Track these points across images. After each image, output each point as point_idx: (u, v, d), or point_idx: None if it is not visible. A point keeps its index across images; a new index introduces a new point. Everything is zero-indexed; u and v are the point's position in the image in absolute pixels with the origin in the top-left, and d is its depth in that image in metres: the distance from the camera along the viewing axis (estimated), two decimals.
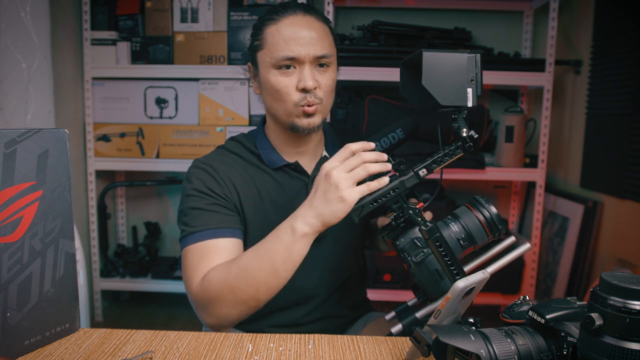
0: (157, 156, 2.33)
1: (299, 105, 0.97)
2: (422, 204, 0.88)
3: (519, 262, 2.21)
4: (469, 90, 0.80)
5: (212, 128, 2.30)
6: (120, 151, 2.34)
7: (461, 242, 0.83)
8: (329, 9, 2.07)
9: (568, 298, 0.64)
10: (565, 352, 0.58)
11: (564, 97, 2.33)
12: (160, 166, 2.32)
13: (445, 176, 2.11)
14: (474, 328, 0.62)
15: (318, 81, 0.97)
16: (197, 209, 0.97)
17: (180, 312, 2.52)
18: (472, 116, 2.13)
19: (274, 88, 0.98)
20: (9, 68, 1.68)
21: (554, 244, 2.24)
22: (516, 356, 0.58)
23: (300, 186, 1.06)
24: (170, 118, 2.36)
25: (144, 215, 2.65)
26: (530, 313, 0.62)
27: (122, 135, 2.34)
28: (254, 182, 1.04)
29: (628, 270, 1.77)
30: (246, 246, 1.01)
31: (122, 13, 2.31)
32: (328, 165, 0.83)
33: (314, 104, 0.97)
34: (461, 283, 0.66)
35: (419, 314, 0.85)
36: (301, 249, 0.85)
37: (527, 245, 0.85)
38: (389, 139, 0.92)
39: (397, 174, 0.85)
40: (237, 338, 0.82)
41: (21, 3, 1.69)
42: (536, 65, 2.11)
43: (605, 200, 1.98)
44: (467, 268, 0.86)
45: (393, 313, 0.89)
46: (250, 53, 1.05)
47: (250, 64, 1.06)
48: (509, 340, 0.59)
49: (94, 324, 2.36)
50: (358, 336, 0.84)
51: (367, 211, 0.83)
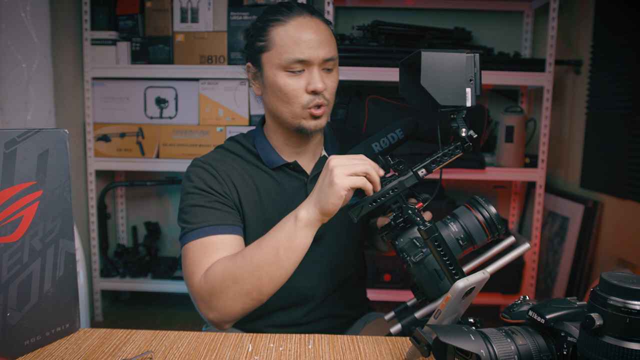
0: (157, 156, 2.33)
1: (307, 107, 0.97)
2: (421, 204, 0.88)
3: (519, 262, 2.21)
4: (468, 90, 0.80)
5: (212, 128, 2.30)
6: (120, 151, 2.34)
7: (460, 242, 0.83)
8: (329, 9, 2.07)
9: (568, 298, 0.64)
10: (565, 352, 0.58)
11: (564, 97, 2.33)
12: (160, 166, 2.32)
13: (445, 176, 2.14)
14: (474, 328, 0.62)
15: (325, 83, 0.97)
16: (198, 206, 0.97)
17: (180, 312, 2.52)
18: (472, 116, 2.14)
19: (282, 90, 0.97)
20: (9, 68, 1.69)
21: (554, 244, 2.24)
22: (516, 356, 0.58)
23: (299, 186, 1.06)
24: (170, 118, 2.36)
25: (144, 215, 2.65)
26: (530, 313, 0.62)
27: (122, 135, 2.34)
28: (253, 181, 1.04)
29: (628, 270, 1.77)
30: (246, 245, 1.01)
31: (122, 13, 2.31)
32: (332, 157, 0.83)
33: (323, 106, 0.98)
34: (461, 283, 0.66)
35: (418, 314, 0.85)
36: (303, 239, 0.85)
37: (527, 245, 0.85)
38: (389, 139, 0.92)
39: (397, 174, 0.85)
40: (237, 338, 0.82)
41: (21, 3, 1.69)
42: (536, 65, 2.11)
43: (605, 200, 1.98)
44: (467, 268, 0.86)
45: (392, 313, 0.89)
46: (250, 53, 1.02)
47: (250, 64, 1.03)
48: (509, 340, 0.59)
49: (94, 324, 2.36)
50: (358, 336, 0.84)
51: (366, 211, 0.83)
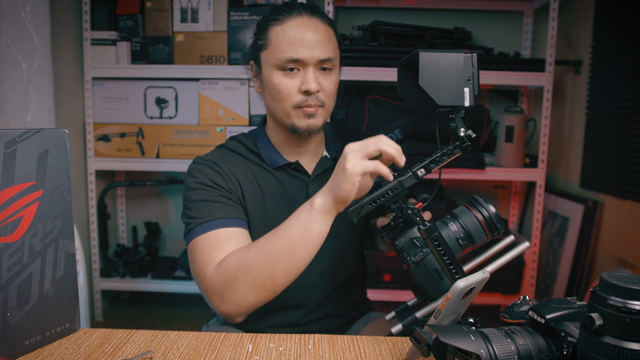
0: (157, 156, 2.33)
1: (299, 106, 0.97)
2: (421, 204, 0.88)
3: (519, 262, 2.21)
4: (466, 89, 0.81)
5: (212, 128, 2.30)
6: (120, 151, 2.34)
7: (460, 242, 0.83)
8: (329, 9, 2.07)
9: (568, 298, 0.64)
10: (565, 352, 0.58)
11: (564, 97, 2.33)
12: (160, 166, 2.32)
13: (445, 176, 2.14)
14: (474, 328, 0.62)
15: (321, 84, 0.97)
16: (203, 201, 0.96)
17: (180, 312, 2.52)
18: (472, 116, 2.14)
19: (276, 89, 0.97)
20: (9, 68, 1.69)
21: (554, 244, 2.24)
22: (516, 356, 0.58)
23: (300, 186, 1.06)
24: (170, 118, 2.36)
25: (144, 215, 2.65)
26: (530, 313, 0.62)
27: (122, 135, 2.34)
28: (256, 179, 1.04)
29: (628, 270, 1.77)
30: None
31: (122, 13, 2.31)
32: (350, 143, 0.82)
33: (315, 106, 0.97)
34: (461, 283, 0.66)
35: (419, 314, 0.85)
36: (320, 227, 0.84)
37: (526, 244, 0.85)
38: None
39: (396, 174, 0.85)
40: (237, 338, 0.82)
41: (21, 3, 1.69)
42: (536, 65, 2.11)
43: (605, 200, 1.97)
44: (467, 267, 0.86)
45: (393, 313, 0.89)
46: (252, 51, 1.04)
47: (252, 63, 1.05)
48: (509, 340, 0.59)
49: (94, 324, 2.36)
50: (358, 336, 0.84)
51: (366, 211, 0.83)
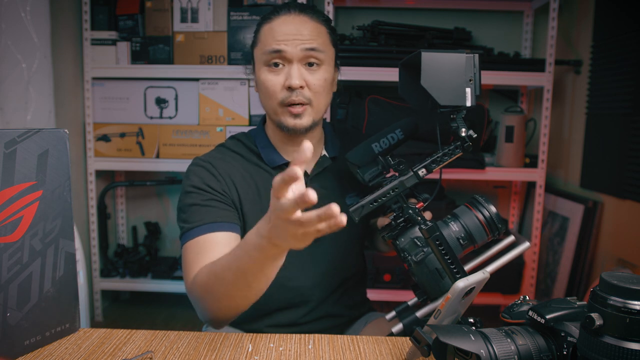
0: (157, 156, 2.33)
1: (284, 104, 0.97)
2: (422, 204, 0.88)
3: (519, 262, 2.21)
4: (468, 90, 0.81)
5: (212, 128, 2.30)
6: (120, 151, 2.34)
7: (461, 242, 0.83)
8: (329, 9, 2.07)
9: (568, 298, 0.64)
10: (565, 352, 0.58)
11: (564, 97, 2.33)
12: (160, 166, 2.32)
13: (445, 176, 2.14)
14: (474, 328, 0.62)
15: (307, 80, 0.97)
16: (195, 205, 0.97)
17: (180, 312, 2.52)
18: (472, 116, 2.13)
19: (263, 85, 0.99)
20: (9, 68, 1.68)
21: (554, 244, 2.24)
22: (516, 356, 0.58)
23: None
24: (170, 118, 2.36)
25: (144, 215, 2.65)
26: (530, 313, 0.62)
27: (122, 135, 2.34)
28: (254, 180, 1.04)
29: (628, 270, 1.77)
30: None
31: (122, 13, 2.31)
32: (275, 215, 0.64)
33: (301, 104, 0.97)
34: (461, 283, 0.66)
35: (419, 314, 0.85)
36: (273, 266, 0.77)
37: (527, 244, 0.85)
38: (389, 139, 0.92)
39: (397, 174, 0.85)
40: (237, 338, 0.82)
41: (21, 3, 1.69)
42: (536, 65, 2.10)
43: (605, 200, 1.97)
44: (467, 267, 0.86)
45: (393, 313, 0.89)
46: (251, 52, 1.07)
47: (252, 62, 1.08)
48: (509, 340, 0.59)
49: (94, 324, 2.36)
50: (358, 336, 0.84)
51: (367, 211, 0.83)
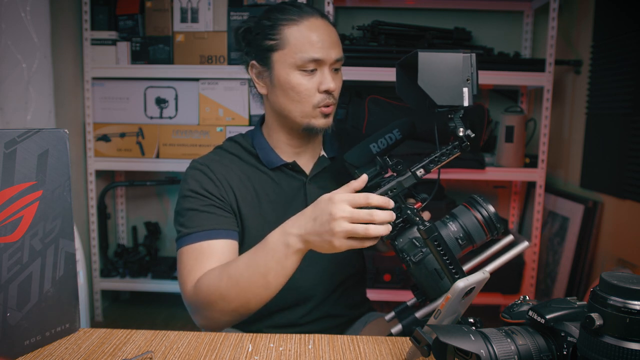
0: (157, 156, 2.33)
1: (318, 106, 0.99)
2: (420, 204, 0.88)
3: (519, 262, 2.21)
4: (465, 89, 0.81)
5: (212, 128, 2.30)
6: (120, 151, 2.34)
7: (459, 242, 0.83)
8: (329, 9, 2.07)
9: (568, 298, 0.64)
10: (565, 352, 0.58)
11: (564, 97, 2.33)
12: (160, 166, 2.32)
13: (445, 176, 2.14)
14: (474, 328, 0.62)
15: (335, 83, 1.00)
16: (193, 210, 0.98)
17: (180, 312, 2.52)
18: (472, 116, 2.13)
19: (295, 89, 0.98)
20: (9, 68, 1.68)
21: (554, 244, 2.24)
22: (516, 356, 0.58)
23: (298, 186, 1.06)
24: (170, 118, 2.36)
25: (144, 215, 2.65)
26: (530, 313, 0.62)
27: (122, 135, 2.34)
28: (251, 182, 1.04)
29: (628, 270, 1.77)
30: (243, 246, 1.01)
31: (122, 13, 2.31)
32: (338, 199, 0.79)
33: (331, 105, 1.01)
34: (461, 283, 0.66)
35: (419, 314, 0.85)
36: (294, 263, 0.86)
37: (526, 243, 0.85)
38: (387, 140, 0.92)
39: (395, 175, 0.85)
40: (237, 338, 0.82)
41: (21, 3, 1.69)
42: (536, 65, 2.10)
43: (605, 200, 1.97)
44: (466, 267, 0.86)
45: (393, 313, 0.89)
46: (256, 51, 1.01)
47: (254, 63, 1.02)
48: (509, 340, 0.59)
49: (94, 324, 2.36)
50: (358, 336, 0.84)
51: None
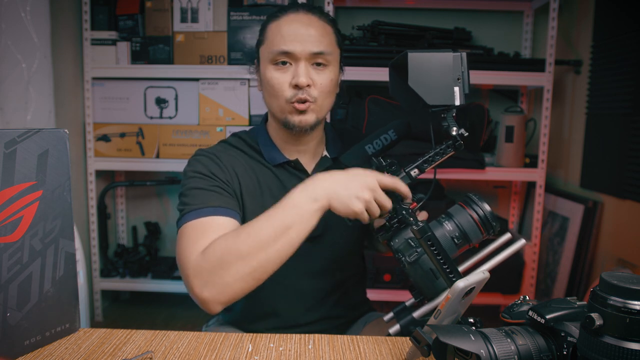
0: (157, 156, 2.33)
1: (291, 101, 0.97)
2: (415, 204, 0.88)
3: (519, 262, 2.21)
4: (456, 88, 0.81)
5: (212, 128, 2.30)
6: (120, 151, 2.34)
7: (455, 241, 0.83)
8: (329, 9, 2.07)
9: (568, 298, 0.64)
10: (565, 352, 0.58)
11: (564, 97, 2.33)
12: (160, 166, 2.32)
13: (445, 176, 2.14)
14: (474, 328, 0.62)
15: (313, 79, 0.97)
16: (199, 189, 0.96)
17: (180, 312, 2.52)
18: (473, 116, 2.13)
19: (269, 83, 0.99)
20: (9, 68, 1.68)
21: (554, 244, 2.24)
22: (516, 356, 0.58)
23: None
24: (170, 118, 2.36)
25: (144, 215, 2.65)
26: (530, 313, 0.62)
27: (122, 135, 2.34)
28: (255, 175, 1.04)
29: (628, 270, 1.77)
30: None
31: (122, 13, 2.31)
32: (374, 174, 0.85)
33: (307, 102, 0.97)
34: (461, 283, 0.66)
35: (416, 314, 0.85)
36: (316, 220, 0.84)
37: (522, 240, 0.85)
38: (382, 141, 0.92)
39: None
40: (237, 338, 0.82)
41: (21, 3, 1.69)
42: (536, 65, 2.10)
43: (605, 200, 1.97)
44: (463, 266, 0.86)
45: (391, 314, 0.89)
46: (256, 50, 1.07)
47: (256, 61, 1.07)
48: (509, 340, 0.59)
49: (94, 324, 2.36)
50: (358, 336, 0.84)
51: None
